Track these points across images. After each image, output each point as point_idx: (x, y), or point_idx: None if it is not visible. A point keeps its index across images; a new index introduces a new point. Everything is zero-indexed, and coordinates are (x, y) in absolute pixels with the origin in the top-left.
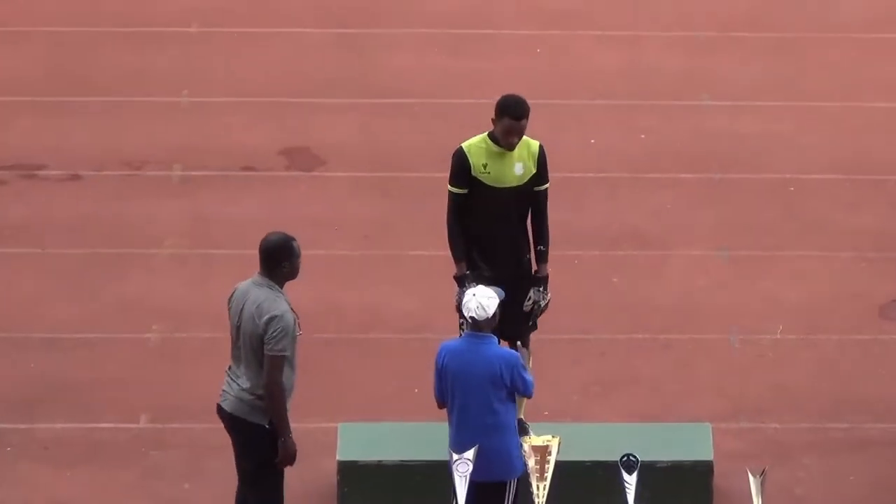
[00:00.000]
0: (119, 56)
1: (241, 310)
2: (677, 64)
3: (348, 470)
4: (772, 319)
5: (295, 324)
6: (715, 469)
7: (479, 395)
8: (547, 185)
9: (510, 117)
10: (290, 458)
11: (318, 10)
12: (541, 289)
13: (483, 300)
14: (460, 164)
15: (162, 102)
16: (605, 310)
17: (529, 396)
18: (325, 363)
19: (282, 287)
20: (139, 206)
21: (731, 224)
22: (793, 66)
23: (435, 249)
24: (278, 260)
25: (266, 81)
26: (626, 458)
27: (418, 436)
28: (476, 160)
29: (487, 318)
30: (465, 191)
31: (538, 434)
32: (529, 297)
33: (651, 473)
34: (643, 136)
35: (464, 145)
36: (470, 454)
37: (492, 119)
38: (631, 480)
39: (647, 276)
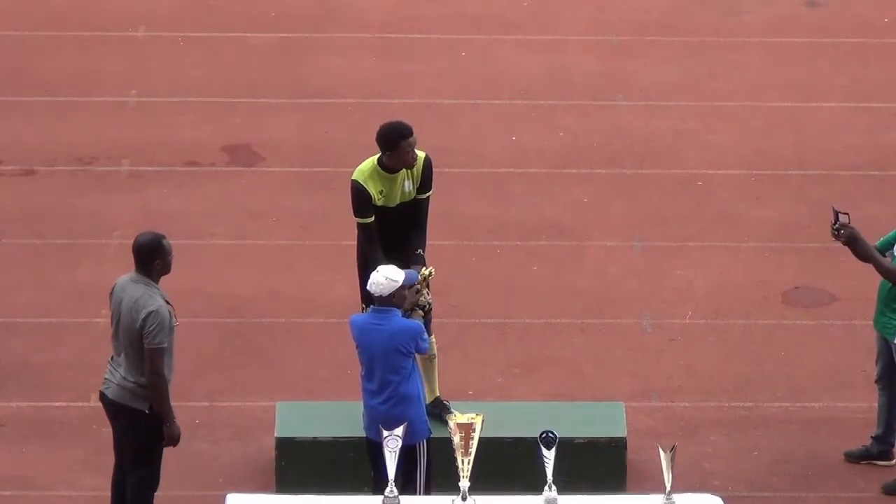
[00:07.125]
0: (69, 58)
1: (120, 305)
2: (594, 66)
3: (286, 445)
4: (681, 305)
5: (171, 315)
6: (628, 445)
7: (385, 365)
8: (429, 194)
9: (404, 139)
10: (175, 440)
11: (258, 16)
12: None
13: (380, 279)
14: (363, 197)
15: (111, 102)
16: (526, 296)
17: (425, 351)
18: (263, 346)
19: (157, 282)
20: (90, 199)
21: (644, 216)
22: (701, 68)
23: None
24: (151, 258)
25: (209, 82)
26: (544, 435)
27: (350, 414)
28: (374, 190)
29: (381, 296)
30: (372, 218)
31: (463, 412)
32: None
33: (569, 449)
34: (562, 133)
35: (359, 179)
36: (399, 431)
37: (384, 154)
38: (550, 455)
39: (566, 265)
